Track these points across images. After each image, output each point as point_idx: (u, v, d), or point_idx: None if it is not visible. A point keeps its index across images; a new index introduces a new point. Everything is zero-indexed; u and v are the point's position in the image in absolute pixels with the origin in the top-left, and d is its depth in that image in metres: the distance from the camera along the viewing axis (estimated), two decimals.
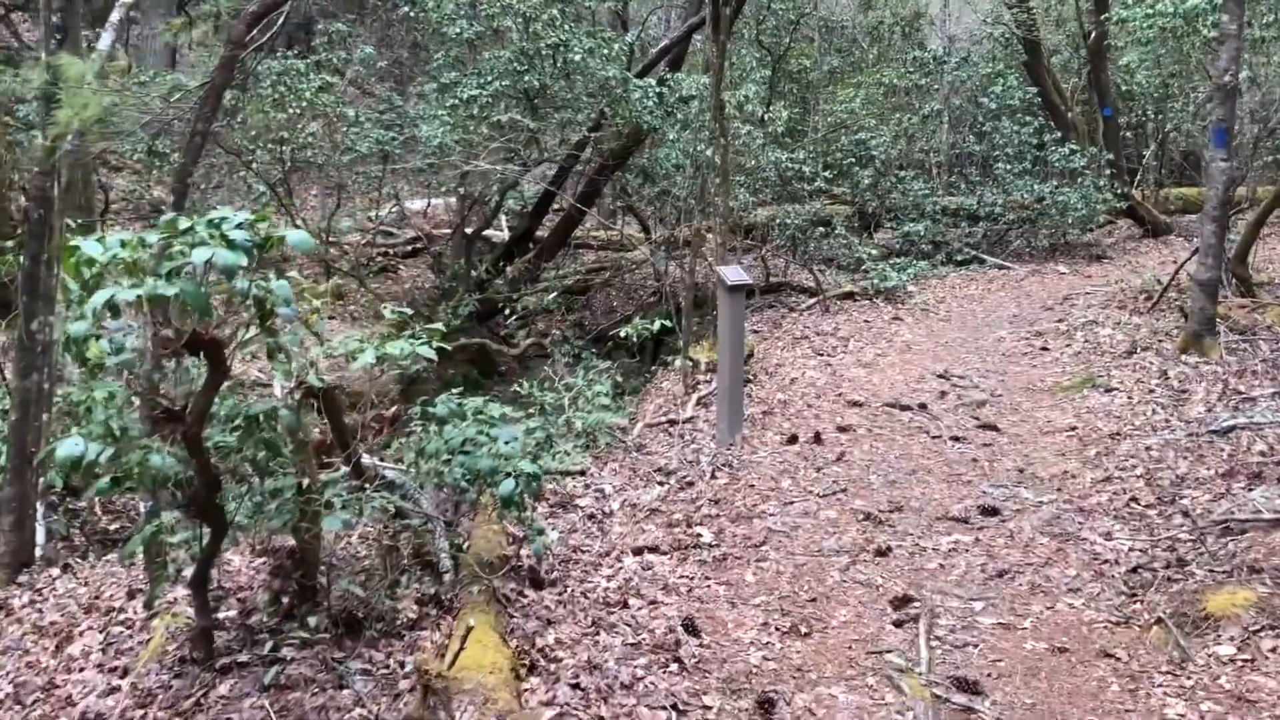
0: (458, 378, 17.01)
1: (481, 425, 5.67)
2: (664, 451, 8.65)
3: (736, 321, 8.39)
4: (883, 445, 8.72)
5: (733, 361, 8.36)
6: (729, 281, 8.25)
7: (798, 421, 9.40)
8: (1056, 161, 19.11)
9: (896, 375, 11.56)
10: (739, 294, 8.38)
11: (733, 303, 8.32)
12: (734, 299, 8.33)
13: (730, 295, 8.30)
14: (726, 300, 8.31)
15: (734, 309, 8.34)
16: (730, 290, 8.28)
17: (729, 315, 8.32)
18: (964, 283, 17.46)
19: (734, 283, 8.26)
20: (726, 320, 8.32)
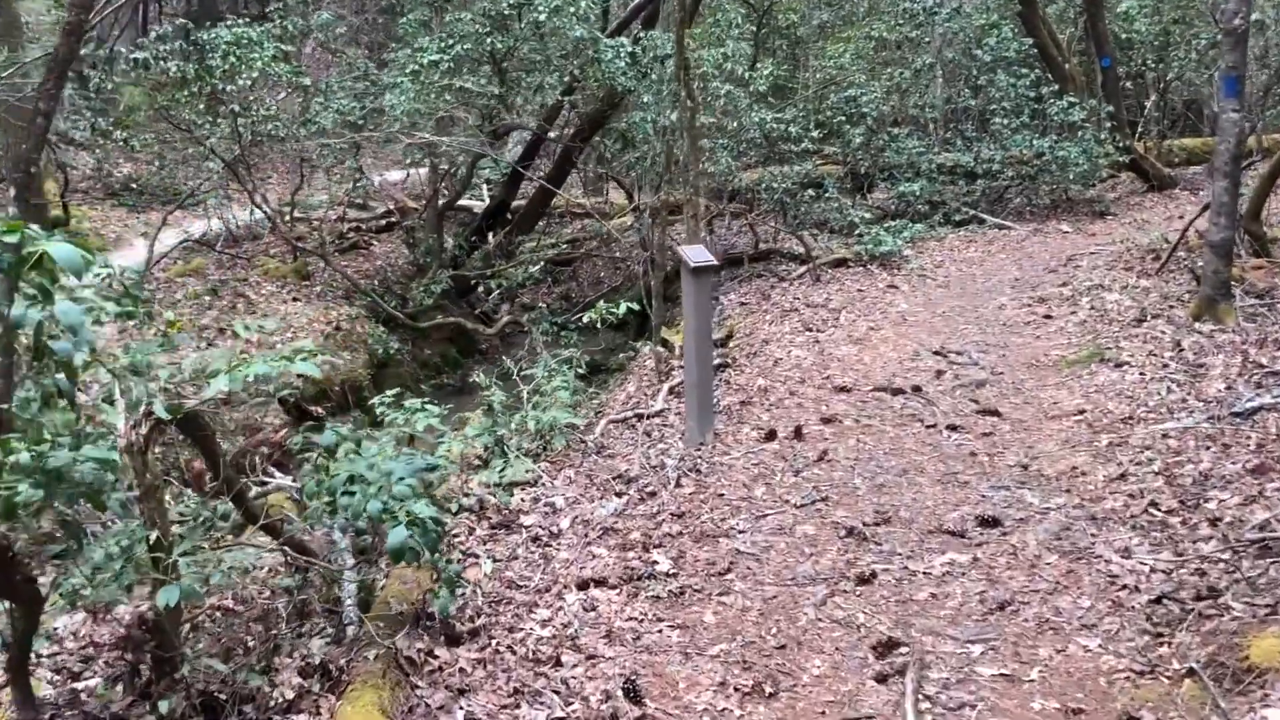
0: (434, 358, 16.07)
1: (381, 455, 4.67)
2: (627, 453, 7.69)
3: (703, 307, 7.42)
4: (871, 439, 7.76)
5: (700, 352, 7.39)
6: (692, 263, 7.27)
7: (778, 413, 8.43)
8: (1055, 115, 18.03)
9: (890, 352, 10.58)
10: (705, 277, 7.41)
11: (698, 287, 7.35)
12: (699, 283, 7.36)
13: (695, 279, 7.32)
14: (691, 284, 7.34)
15: (700, 294, 7.37)
16: (695, 273, 7.30)
17: (695, 301, 7.34)
18: (963, 244, 16.44)
19: (698, 264, 7.28)
20: (692, 306, 7.35)
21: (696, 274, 7.32)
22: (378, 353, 14.54)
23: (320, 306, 14.75)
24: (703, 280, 7.38)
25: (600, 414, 8.95)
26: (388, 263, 17.36)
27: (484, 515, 6.47)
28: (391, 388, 15.01)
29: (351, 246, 17.23)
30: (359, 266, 16.72)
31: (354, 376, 13.89)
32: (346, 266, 16.35)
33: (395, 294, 15.89)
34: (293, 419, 12.81)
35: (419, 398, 15.30)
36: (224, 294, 14.81)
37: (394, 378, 14.84)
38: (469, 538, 6.16)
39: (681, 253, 7.39)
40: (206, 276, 15.43)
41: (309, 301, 14.81)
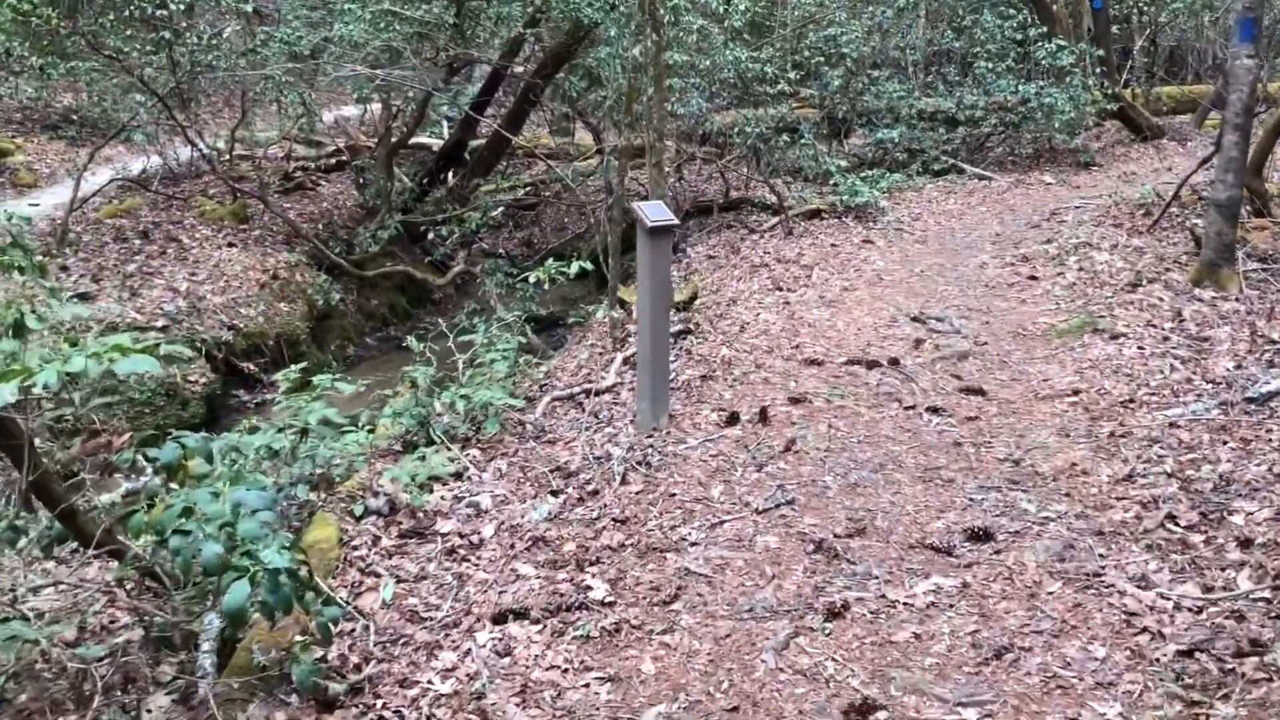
0: (381, 309, 15.03)
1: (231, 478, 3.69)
2: (570, 439, 6.71)
3: (660, 273, 6.42)
4: (844, 424, 6.81)
5: (655, 325, 6.40)
6: (649, 221, 6.26)
7: (742, 390, 7.47)
8: (1042, 59, 17.00)
9: (865, 317, 9.63)
10: (663, 238, 6.39)
11: (655, 249, 6.34)
12: (657, 245, 6.35)
13: (652, 240, 6.31)
14: (647, 246, 6.33)
15: (657, 257, 6.36)
16: (651, 234, 6.29)
17: (651, 265, 6.34)
18: (941, 195, 15.46)
19: (656, 223, 6.27)
20: (648, 272, 6.35)
21: (654, 235, 6.32)
22: (318, 303, 13.47)
23: (257, 253, 13.64)
24: (661, 242, 6.38)
25: (545, 387, 7.96)
26: (335, 205, 16.21)
27: (394, 519, 5.50)
28: (333, 341, 14.05)
29: (297, 187, 16.06)
30: (303, 209, 15.57)
31: (291, 329, 12.85)
32: (289, 209, 15.20)
33: (341, 239, 14.79)
34: (220, 376, 11.77)
35: (361, 350, 14.39)
36: (155, 237, 13.69)
37: (336, 330, 13.83)
38: (371, 550, 5.19)
39: (638, 210, 6.37)
40: (139, 218, 14.28)
41: (245, 247, 13.69)
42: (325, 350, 13.49)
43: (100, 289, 12.04)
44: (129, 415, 10.83)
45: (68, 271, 12.40)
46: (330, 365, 13.33)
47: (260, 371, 12.32)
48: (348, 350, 13.92)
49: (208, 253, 13.34)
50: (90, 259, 12.85)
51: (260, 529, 3.43)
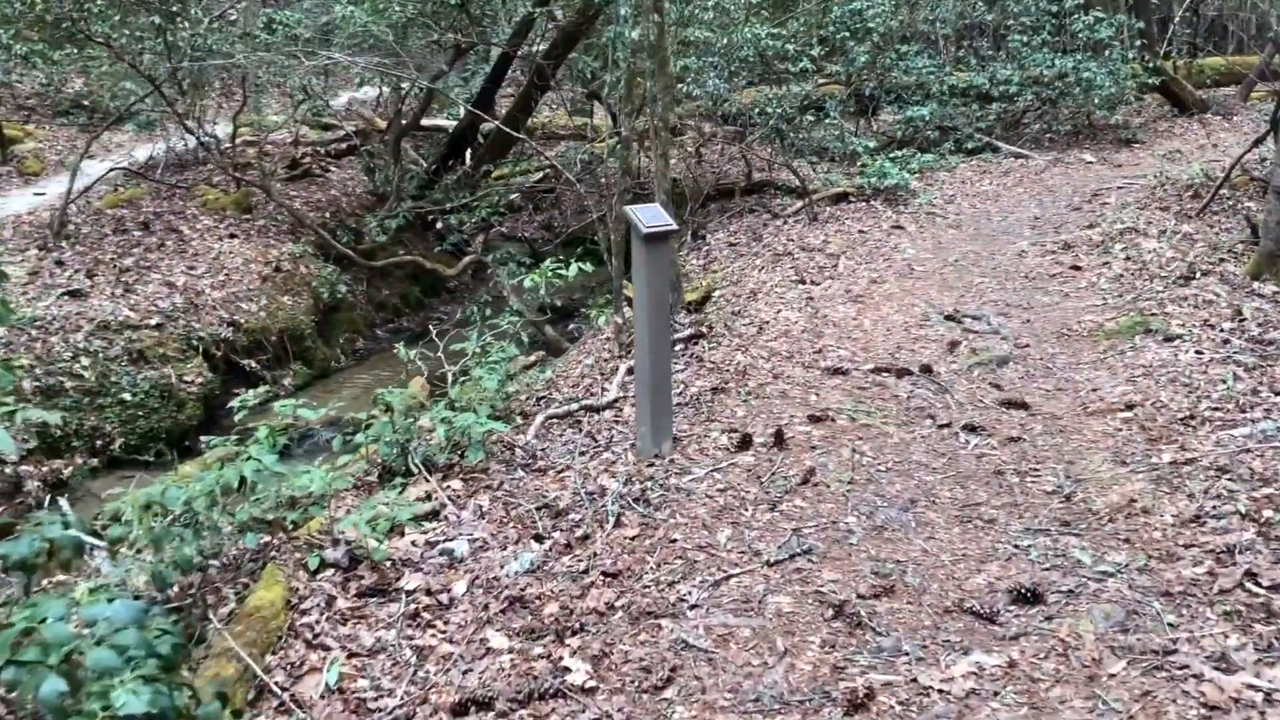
0: (393, 299, 14.30)
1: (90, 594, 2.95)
2: (564, 466, 5.93)
3: (658, 284, 5.61)
4: (870, 448, 6.01)
5: (655, 342, 5.61)
6: (644, 228, 5.46)
7: (757, 406, 6.66)
8: (1079, 31, 16.01)
9: (895, 314, 8.81)
10: (661, 246, 5.59)
11: (651, 258, 5.54)
12: (653, 253, 5.55)
13: (648, 248, 5.51)
14: (643, 254, 5.54)
15: (655, 268, 5.57)
16: (647, 241, 5.49)
17: (648, 277, 5.55)
18: (976, 176, 14.54)
19: (652, 229, 5.47)
20: (645, 284, 5.56)
21: (650, 242, 5.52)
22: (324, 296, 12.74)
23: (260, 244, 12.92)
24: (658, 250, 5.58)
25: (543, 400, 7.18)
26: (344, 192, 15.45)
27: (354, 573, 4.75)
28: (341, 334, 13.32)
29: (304, 174, 15.30)
30: (310, 197, 14.84)
31: (295, 324, 12.14)
32: (295, 197, 14.48)
33: (350, 228, 14.05)
34: (219, 375, 11.08)
35: (371, 343, 13.66)
36: (156, 228, 13.00)
37: (344, 323, 13.12)
38: (323, 616, 4.44)
39: (631, 215, 5.57)
40: (141, 208, 13.60)
41: (248, 238, 12.97)
42: (333, 344, 12.78)
43: (94, 285, 11.36)
44: (120, 419, 10.19)
45: (62, 266, 11.73)
46: (338, 359, 12.66)
47: (262, 369, 11.63)
48: (357, 343, 13.20)
49: (208, 244, 12.63)
50: (87, 252, 12.18)
51: (117, 658, 2.67)
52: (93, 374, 10.20)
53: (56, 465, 9.71)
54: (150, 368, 10.54)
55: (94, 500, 9.63)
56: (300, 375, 11.90)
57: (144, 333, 10.76)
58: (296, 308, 12.32)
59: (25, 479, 9.40)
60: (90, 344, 10.41)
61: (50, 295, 10.97)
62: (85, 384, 10.12)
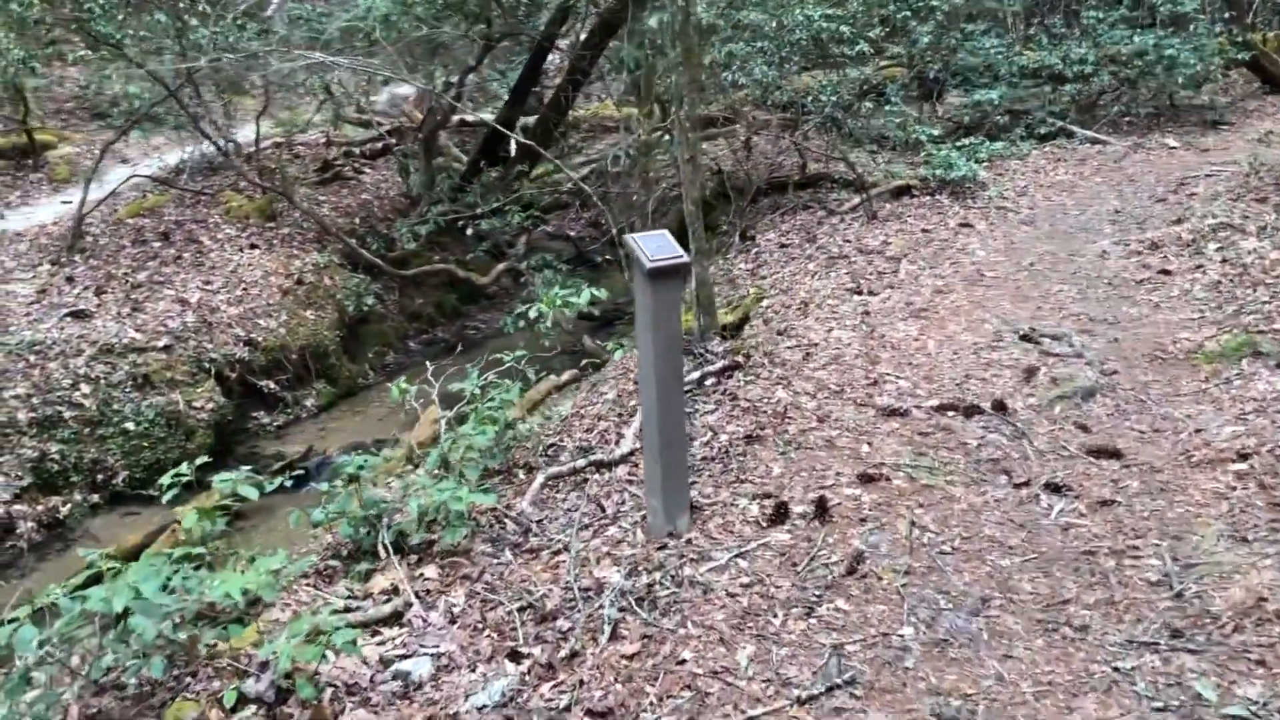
0: (427, 308, 13.33)
1: None
2: (559, 547, 4.86)
3: (667, 329, 4.51)
4: (932, 519, 4.88)
5: (665, 397, 4.52)
6: (648, 262, 4.37)
7: (798, 460, 5.54)
8: (1160, 5, 14.56)
9: (962, 333, 7.64)
10: (668, 283, 4.49)
11: (658, 298, 4.45)
12: (660, 291, 4.45)
13: (653, 286, 4.42)
14: (648, 294, 4.45)
15: (661, 307, 4.47)
16: (652, 278, 4.40)
17: (653, 320, 4.45)
18: (1049, 164, 13.20)
19: (657, 264, 4.38)
20: (649, 328, 4.46)
21: (655, 280, 4.42)
22: (349, 309, 11.80)
23: (283, 254, 12.01)
24: (666, 289, 4.48)
25: (550, 448, 6.10)
26: (376, 195, 14.48)
27: (283, 709, 3.74)
28: (370, 348, 12.36)
29: (334, 177, 14.34)
30: (340, 201, 13.89)
31: (318, 340, 11.21)
32: (324, 202, 13.55)
33: (381, 234, 13.08)
34: (232, 400, 10.19)
35: (402, 356, 12.70)
36: (175, 239, 12.15)
37: (373, 336, 12.18)
38: None
39: (633, 245, 4.47)
40: (162, 217, 12.76)
41: (270, 248, 12.06)
42: (360, 360, 11.84)
43: (101, 303, 10.52)
44: (123, 450, 9.33)
45: (72, 283, 10.92)
46: (365, 375, 11.72)
47: (281, 390, 10.72)
48: (386, 357, 12.26)
49: (227, 256, 11.74)
50: (101, 266, 11.36)
51: None
52: (94, 402, 9.35)
53: (54, 503, 8.88)
54: (156, 393, 9.67)
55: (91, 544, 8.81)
56: (323, 395, 10.98)
57: (150, 355, 9.89)
58: (320, 322, 11.39)
59: (18, 520, 8.57)
60: (92, 369, 9.56)
61: (54, 315, 10.14)
62: (85, 413, 9.28)
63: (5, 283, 10.86)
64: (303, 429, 10.46)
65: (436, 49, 13.57)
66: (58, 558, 8.42)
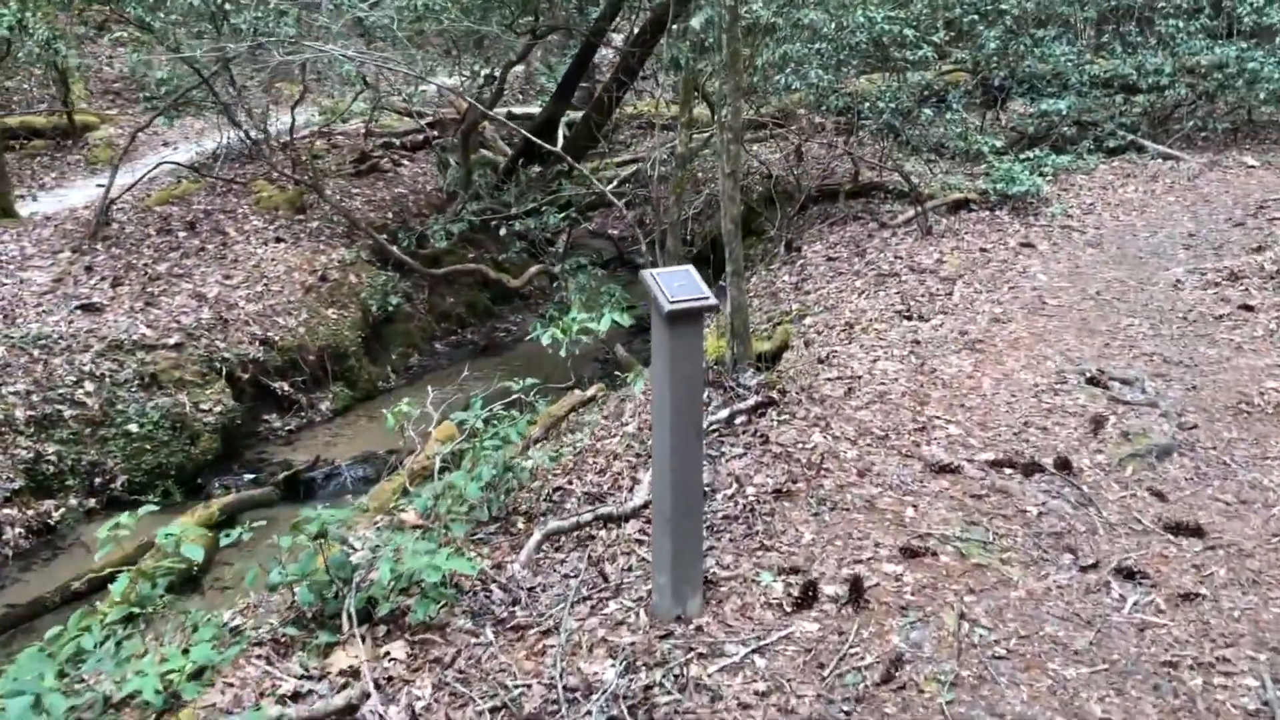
0: (457, 308, 12.66)
1: None
2: (551, 625, 4.15)
3: (685, 378, 3.78)
4: (985, 610, 4.11)
5: (679, 457, 3.80)
6: (666, 305, 3.66)
7: (832, 523, 4.79)
8: (1244, 16, 13.57)
9: (1021, 372, 6.84)
10: (688, 329, 3.77)
11: (676, 343, 3.73)
12: (679, 336, 3.74)
13: (671, 330, 3.70)
14: (665, 339, 3.73)
15: (678, 355, 3.75)
16: (670, 322, 3.69)
17: (669, 368, 3.74)
18: (1118, 180, 12.31)
19: (676, 307, 3.67)
20: (666, 377, 3.75)
21: (674, 324, 3.71)
22: (372, 308, 11.15)
23: (308, 249, 11.38)
24: (684, 334, 3.75)
25: (557, 492, 5.38)
26: (412, 189, 13.81)
27: None
28: (394, 349, 11.72)
29: (371, 169, 13.70)
30: (374, 195, 13.24)
31: (338, 340, 10.58)
32: (356, 195, 12.92)
33: (414, 230, 12.41)
34: (243, 403, 9.59)
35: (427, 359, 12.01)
36: (202, 229, 11.58)
37: (398, 336, 11.55)
38: None
39: (650, 283, 3.75)
40: (191, 205, 12.20)
41: (296, 242, 11.44)
42: (382, 361, 11.20)
43: (115, 296, 9.95)
44: (124, 453, 8.75)
45: (90, 273, 10.37)
46: (387, 379, 11.09)
47: (296, 392, 10.11)
48: (410, 359, 11.60)
49: (251, 249, 11.15)
50: (122, 256, 10.80)
51: None
52: (97, 401, 8.78)
53: (46, 507, 8.32)
54: (163, 394, 9.09)
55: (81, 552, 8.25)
56: (340, 398, 10.36)
57: (159, 354, 9.31)
58: (342, 321, 10.75)
59: (4, 525, 8.01)
60: (98, 366, 9.00)
61: (65, 307, 9.59)
62: (87, 412, 8.71)
63: (22, 270, 10.32)
64: (315, 434, 9.84)
65: (481, 41, 12.87)
66: (43, 567, 7.85)
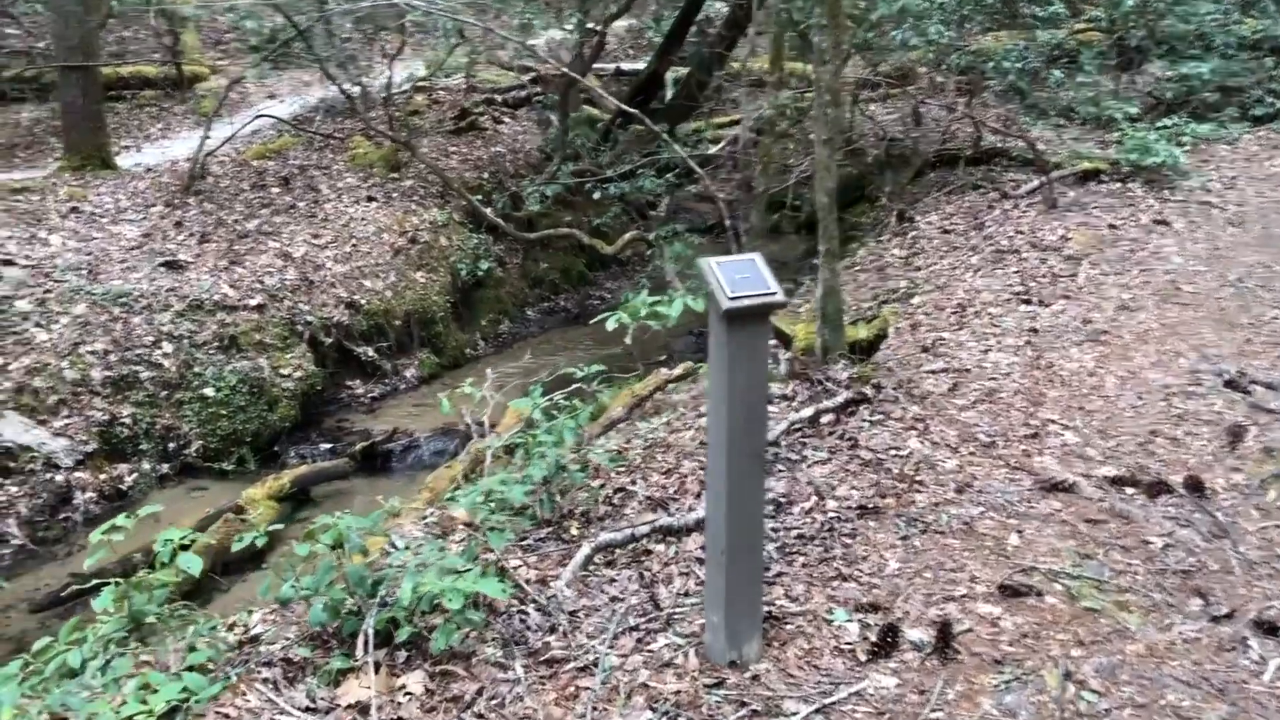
0: (551, 274, 12.16)
1: None
2: (589, 654, 3.61)
3: (746, 392, 3.18)
4: (1094, 668, 3.45)
5: (737, 478, 3.21)
6: (725, 301, 3.07)
7: (921, 551, 4.15)
8: None
9: (1150, 370, 6.07)
10: (751, 329, 3.17)
11: (736, 347, 3.13)
12: (738, 338, 3.13)
13: (730, 331, 3.11)
14: (723, 340, 3.14)
15: (738, 360, 3.15)
16: (729, 321, 3.10)
17: (729, 376, 3.14)
18: (1264, 152, 11.23)
19: (736, 304, 3.07)
20: (724, 385, 3.16)
21: (733, 324, 3.12)
22: (462, 273, 10.70)
23: (400, 209, 10.98)
24: (746, 336, 3.16)
25: (618, 494, 4.82)
26: (511, 148, 13.29)
27: None
28: (484, 315, 11.27)
29: (469, 126, 13.20)
30: (470, 154, 12.75)
31: (426, 305, 10.18)
32: (453, 154, 12.46)
33: (509, 191, 11.91)
34: (324, 368, 9.25)
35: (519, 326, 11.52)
36: (295, 185, 11.26)
37: (488, 302, 11.11)
38: None
39: (708, 273, 3.16)
40: (287, 160, 11.90)
41: (388, 201, 11.04)
42: (471, 328, 10.77)
43: (201, 254, 9.68)
44: (199, 418, 8.47)
45: (180, 228, 10.10)
46: (475, 346, 10.67)
47: (381, 358, 9.75)
48: (500, 326, 11.14)
49: (341, 208, 10.78)
50: (214, 211, 10.53)
51: None
52: (174, 363, 8.52)
53: (119, 471, 8.08)
54: (242, 357, 8.79)
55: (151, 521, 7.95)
56: (426, 365, 9.96)
57: (240, 315, 9.01)
58: (430, 285, 10.34)
59: (76, 489, 7.79)
60: (177, 327, 8.72)
61: (149, 264, 9.34)
62: (164, 375, 8.45)
63: (114, 224, 10.11)
64: (398, 402, 9.46)
65: None
66: None
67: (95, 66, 11.38)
